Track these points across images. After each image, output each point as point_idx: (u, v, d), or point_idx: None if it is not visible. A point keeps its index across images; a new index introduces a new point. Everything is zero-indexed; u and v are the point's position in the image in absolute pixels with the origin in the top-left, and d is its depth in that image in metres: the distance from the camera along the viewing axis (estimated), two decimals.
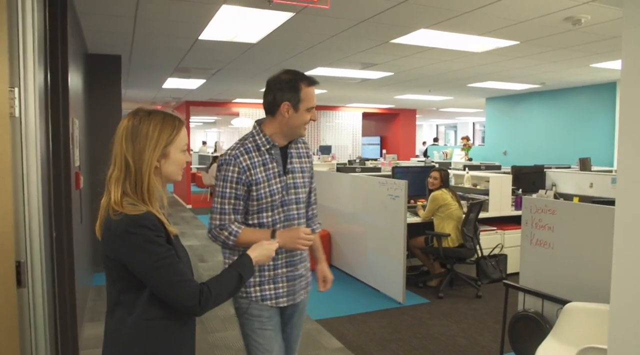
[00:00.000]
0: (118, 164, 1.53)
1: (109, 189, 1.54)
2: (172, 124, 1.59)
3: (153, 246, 1.47)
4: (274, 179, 2.13)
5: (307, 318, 4.56)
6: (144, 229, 1.46)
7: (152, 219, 1.49)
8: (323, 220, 6.79)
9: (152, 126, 1.55)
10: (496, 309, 4.82)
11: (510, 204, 6.14)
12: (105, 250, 1.51)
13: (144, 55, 6.51)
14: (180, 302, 1.49)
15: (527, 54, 6.23)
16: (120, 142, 1.54)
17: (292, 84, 2.09)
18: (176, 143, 1.58)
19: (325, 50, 6.11)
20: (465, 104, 14.07)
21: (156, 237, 1.48)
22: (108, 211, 1.50)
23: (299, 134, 2.20)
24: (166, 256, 1.49)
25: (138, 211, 1.48)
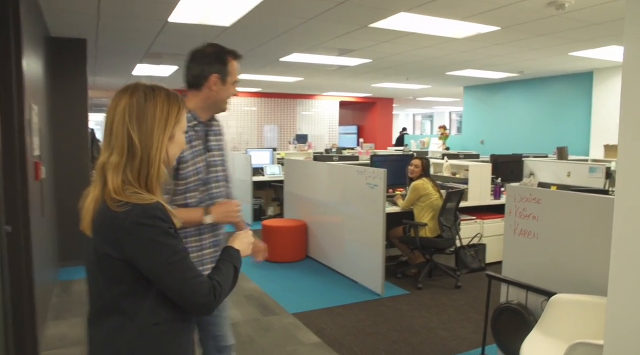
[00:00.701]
0: (119, 148, 1.34)
1: (104, 176, 1.34)
2: (177, 101, 1.44)
3: (168, 239, 1.32)
4: (199, 156, 2.10)
5: (283, 312, 4.41)
6: (158, 219, 1.30)
7: (163, 209, 1.33)
8: (299, 210, 6.67)
9: (160, 104, 1.38)
10: (476, 299, 4.74)
11: (490, 192, 6.06)
12: (103, 247, 1.31)
13: (111, 39, 6.21)
14: (196, 300, 1.34)
15: (507, 40, 6.13)
16: (123, 122, 1.34)
17: (220, 57, 2.07)
18: (181, 123, 1.45)
19: (301, 34, 5.91)
20: (443, 93, 14.01)
21: (169, 229, 1.33)
22: (102, 202, 1.32)
23: (222, 109, 2.17)
24: (180, 250, 1.34)
25: (148, 200, 1.32)
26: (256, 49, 6.90)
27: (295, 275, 5.55)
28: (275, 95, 14.43)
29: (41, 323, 3.74)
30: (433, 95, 15.02)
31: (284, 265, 5.90)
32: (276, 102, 14.60)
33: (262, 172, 8.91)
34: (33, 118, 3.68)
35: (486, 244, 5.79)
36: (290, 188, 6.80)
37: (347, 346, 3.74)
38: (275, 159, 9.49)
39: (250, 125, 14.27)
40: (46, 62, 5.32)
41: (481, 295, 4.85)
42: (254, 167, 8.46)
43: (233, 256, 1.55)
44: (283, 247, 6.09)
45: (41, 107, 4.37)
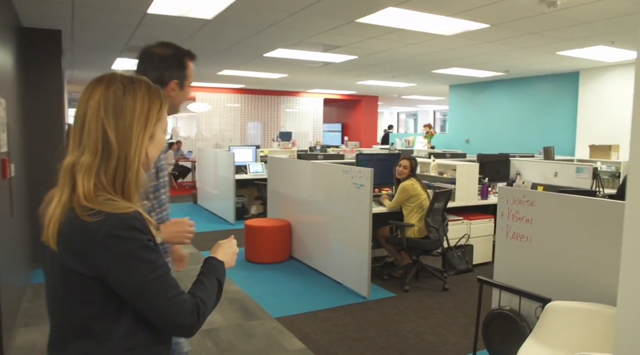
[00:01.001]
0: (91, 147, 1.17)
1: (73, 179, 1.17)
2: (158, 96, 1.27)
3: (147, 253, 1.16)
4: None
5: (266, 316, 4.25)
6: (136, 231, 1.14)
7: (141, 219, 1.17)
8: (283, 209, 6.51)
9: (140, 98, 1.22)
10: (464, 302, 4.63)
11: (477, 193, 5.96)
12: (71, 263, 1.14)
13: (87, 30, 5.97)
14: (177, 321, 1.19)
15: (496, 38, 6.03)
16: (97, 117, 1.17)
17: (178, 61, 1.93)
18: (163, 120, 1.28)
19: (286, 29, 5.74)
20: (428, 91, 13.94)
21: (148, 242, 1.17)
22: (70, 210, 1.15)
23: (177, 112, 2.03)
24: (160, 265, 1.18)
25: (125, 209, 1.15)
26: (239, 44, 6.71)
27: (278, 277, 5.38)
28: (258, 91, 14.22)
29: (9, 330, 3.52)
30: (418, 93, 14.95)
31: (268, 267, 5.73)
32: (260, 98, 14.39)
33: (245, 170, 8.73)
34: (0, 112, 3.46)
35: (473, 245, 5.70)
36: (274, 187, 6.64)
37: (333, 352, 3.60)
38: (258, 157, 9.31)
39: (233, 122, 14.05)
40: (17, 53, 5.07)
41: (469, 298, 4.75)
42: (237, 165, 8.27)
43: (217, 269, 1.39)
44: (266, 248, 5.92)
45: (10, 101, 4.14)
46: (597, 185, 6.15)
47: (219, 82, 12.31)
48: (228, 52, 7.33)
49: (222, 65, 9.07)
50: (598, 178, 6.15)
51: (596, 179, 6.13)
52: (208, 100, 13.53)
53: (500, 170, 6.88)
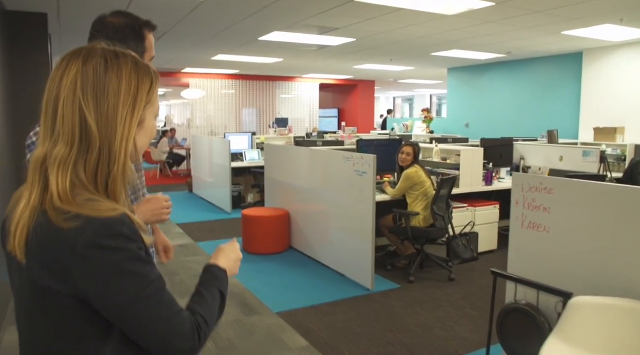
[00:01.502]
0: (67, 135, 0.96)
1: (45, 176, 0.96)
2: (148, 73, 1.05)
3: (138, 265, 0.95)
4: None
5: (266, 311, 4.07)
6: (124, 239, 0.93)
7: (130, 223, 0.96)
8: (281, 198, 6.30)
9: (127, 76, 1.00)
10: (472, 293, 4.47)
11: (482, 178, 5.78)
12: (44, 278, 0.93)
13: (74, 13, 5.70)
14: (175, 344, 0.99)
15: (500, 17, 5.80)
16: (73, 99, 0.96)
17: (135, 31, 1.67)
18: (154, 103, 1.07)
19: (283, 10, 5.48)
20: (425, 74, 13.69)
21: (139, 251, 0.96)
22: (42, 213, 0.94)
23: None
24: (154, 279, 0.98)
25: (110, 211, 0.93)
26: (234, 27, 6.45)
27: (278, 269, 5.20)
28: (253, 77, 13.93)
29: None
30: (415, 77, 14.69)
31: (266, 258, 5.55)
32: (255, 84, 14.10)
33: (241, 158, 8.51)
34: None
35: (478, 233, 5.52)
36: (271, 174, 6.43)
37: (338, 349, 3.43)
38: (254, 144, 9.08)
39: (227, 108, 13.77)
40: (1, 38, 4.81)
41: (476, 288, 4.59)
42: (233, 152, 8.05)
43: (218, 278, 1.19)
44: (265, 238, 5.73)
45: None
46: (604, 168, 5.97)
47: (213, 68, 12.02)
48: (222, 35, 7.07)
49: (216, 50, 8.80)
50: (605, 161, 5.97)
51: (603, 163, 5.95)
52: (202, 86, 13.24)
53: (503, 154, 6.69)
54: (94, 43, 1.03)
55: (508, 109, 10.35)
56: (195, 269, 5.13)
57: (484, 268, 5.15)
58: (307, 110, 15.03)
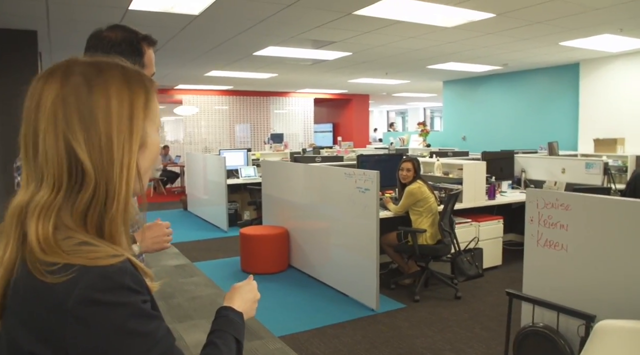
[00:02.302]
0: (53, 176, 0.78)
1: (21, 227, 0.79)
2: (140, 81, 0.87)
3: (144, 323, 0.77)
4: None
5: (268, 335, 3.90)
6: (126, 292, 0.76)
7: (132, 271, 0.79)
8: (279, 215, 6.14)
9: (116, 92, 0.82)
10: (480, 313, 4.31)
11: (485, 192, 5.65)
12: (27, 343, 0.75)
13: (65, 30, 5.57)
14: None
15: (500, 29, 5.73)
16: (55, 131, 0.79)
17: (133, 46, 1.56)
18: (153, 116, 0.88)
19: (278, 24, 5.38)
20: (420, 88, 13.65)
21: (143, 305, 0.78)
22: (21, 266, 0.77)
23: None
24: (161, 337, 0.80)
25: (107, 258, 0.76)
26: (228, 42, 6.35)
27: (279, 289, 5.03)
28: (247, 93, 13.84)
29: None
30: (409, 91, 14.67)
31: (265, 278, 5.37)
32: (248, 100, 14.00)
33: (236, 175, 8.36)
34: None
35: (483, 249, 5.38)
36: (269, 191, 6.28)
37: None
38: (250, 160, 8.94)
39: (221, 124, 13.64)
40: None
41: (484, 307, 4.43)
42: (228, 169, 7.90)
43: (234, 324, 1.05)
44: (264, 257, 5.56)
45: None
46: (608, 180, 5.87)
47: (207, 84, 11.92)
48: (216, 51, 6.96)
49: (209, 66, 8.69)
50: (609, 173, 5.87)
51: (607, 175, 5.85)
52: (195, 102, 13.11)
53: (504, 167, 6.59)
54: (72, 57, 0.86)
55: (505, 122, 10.28)
56: (192, 291, 4.94)
57: (490, 285, 5.01)
58: (302, 126, 14.93)
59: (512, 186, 6.50)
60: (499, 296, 4.64)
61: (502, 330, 3.81)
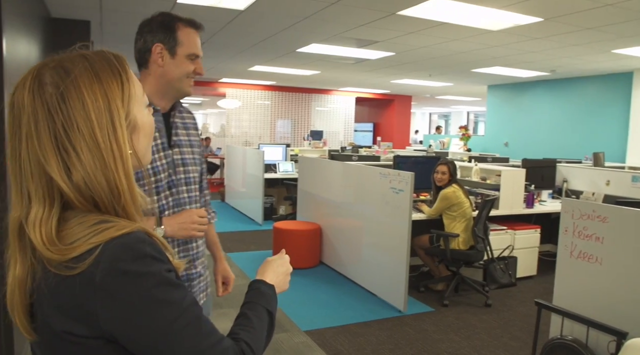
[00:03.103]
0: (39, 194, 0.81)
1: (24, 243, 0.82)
2: (108, 69, 0.86)
3: (169, 291, 0.81)
4: (157, 153, 1.64)
5: (294, 328, 3.95)
6: (149, 260, 0.79)
7: (150, 239, 0.82)
8: (313, 211, 6.20)
9: (88, 89, 0.82)
10: (510, 322, 4.24)
11: (522, 200, 5.54)
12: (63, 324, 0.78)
13: (116, 21, 5.77)
14: None
15: (548, 34, 5.59)
16: (33, 148, 0.80)
17: (165, 23, 1.61)
18: (134, 96, 0.88)
19: (323, 21, 5.42)
20: (464, 91, 13.45)
21: (168, 274, 0.82)
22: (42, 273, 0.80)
23: (182, 91, 1.68)
24: (188, 305, 0.83)
25: (125, 228, 0.80)
26: (272, 37, 6.43)
27: (308, 285, 5.07)
28: (289, 89, 13.95)
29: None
30: (453, 93, 14.46)
31: (296, 272, 5.36)
32: (290, 96, 14.11)
33: (274, 169, 8.46)
34: None
35: (517, 257, 5.28)
36: (305, 187, 6.33)
37: None
38: (288, 156, 9.02)
39: (263, 119, 13.80)
40: (46, 44, 4.89)
41: (515, 317, 4.35)
42: (266, 163, 8.00)
43: (265, 296, 1.06)
44: (296, 252, 5.60)
45: None
46: None
47: (250, 79, 12.08)
48: (260, 46, 7.06)
49: (253, 61, 8.81)
50: None
51: None
52: (238, 96, 13.32)
53: (545, 176, 6.43)
54: (40, 63, 0.85)
55: (550, 129, 10.01)
56: None
57: (523, 295, 4.91)
58: (342, 124, 14.94)
59: (553, 196, 6.33)
60: (531, 307, 4.54)
61: (531, 340, 3.74)
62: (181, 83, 1.65)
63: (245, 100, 13.49)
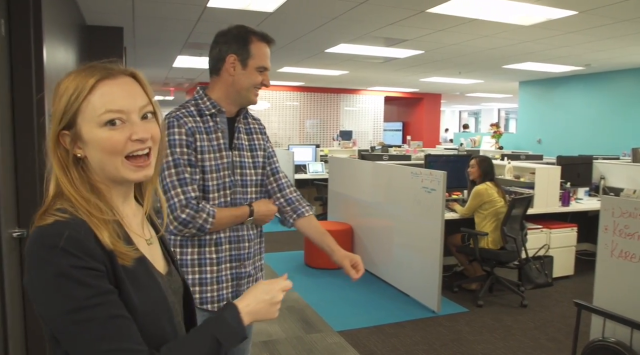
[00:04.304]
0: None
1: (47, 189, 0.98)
2: (82, 78, 0.93)
3: (66, 284, 0.84)
4: (219, 152, 1.75)
5: (327, 329, 3.95)
6: (58, 252, 0.85)
7: (72, 234, 0.87)
8: (344, 212, 6.19)
9: (58, 90, 0.94)
10: (547, 322, 4.15)
11: (558, 198, 5.42)
12: None
13: (148, 27, 5.88)
14: None
15: (582, 27, 5.45)
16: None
17: (240, 36, 1.74)
18: (84, 111, 0.92)
19: (351, 21, 5.41)
20: (494, 88, 13.24)
21: (76, 270, 0.85)
22: None
23: (248, 100, 1.79)
24: (93, 305, 0.85)
25: (49, 218, 0.89)
26: (301, 39, 6.45)
27: (340, 285, 5.07)
28: (318, 89, 13.97)
29: None
30: (483, 91, 14.25)
31: (328, 273, 5.43)
32: (319, 96, 14.14)
33: (304, 170, 8.48)
34: None
35: (553, 257, 5.17)
36: (335, 188, 6.34)
37: None
38: (318, 156, 9.04)
39: (292, 120, 13.87)
40: (82, 51, 5.02)
41: (552, 317, 4.26)
42: (296, 164, 8.03)
43: (222, 323, 0.97)
44: None
45: None
46: None
47: (278, 80, 12.15)
48: (289, 47, 7.09)
49: (282, 62, 8.86)
50: None
51: None
52: (267, 98, 13.41)
53: (581, 173, 6.27)
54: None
55: (585, 125, 9.75)
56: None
57: (560, 295, 4.81)
58: (372, 124, 14.89)
59: (589, 193, 6.18)
60: (568, 307, 4.45)
61: (569, 342, 3.65)
62: (248, 92, 1.76)
63: (274, 102, 13.57)
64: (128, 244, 0.95)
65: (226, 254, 1.77)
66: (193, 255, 1.73)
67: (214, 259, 1.75)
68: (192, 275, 1.74)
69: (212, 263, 1.75)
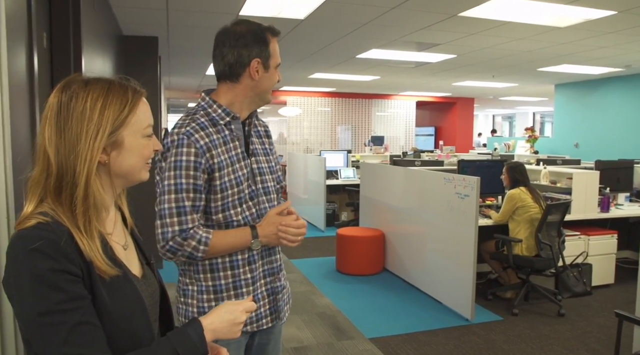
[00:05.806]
0: (40, 161, 1.01)
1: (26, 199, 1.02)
2: (122, 94, 1.04)
3: (40, 287, 0.90)
4: (238, 163, 1.63)
5: (359, 336, 3.93)
6: (37, 254, 0.90)
7: (52, 237, 0.93)
8: (376, 217, 6.16)
9: (91, 101, 1.00)
10: (586, 333, 4.03)
11: (597, 204, 5.26)
12: None
13: (182, 36, 5.99)
14: None
15: (621, 28, 5.30)
16: (42, 129, 1.01)
17: (258, 36, 1.61)
18: (132, 124, 1.05)
19: (382, 27, 5.40)
20: (529, 92, 12.97)
21: (52, 273, 0.90)
22: None
23: (266, 100, 1.71)
24: (63, 310, 0.90)
25: (31, 221, 0.95)
26: (332, 45, 6.47)
27: (371, 292, 5.04)
28: (349, 95, 13.97)
29: None
30: (517, 94, 13.98)
31: (360, 279, 5.41)
32: (350, 102, 14.14)
33: (336, 175, 8.49)
34: None
35: (592, 265, 5.01)
36: (367, 193, 6.31)
37: None
38: (349, 162, 9.03)
39: (323, 126, 13.90)
40: (118, 61, 5.17)
41: (591, 327, 4.13)
42: (328, 170, 8.04)
43: (184, 338, 1.03)
44: (359, 259, 5.61)
45: None
46: None
47: (310, 86, 12.21)
48: (320, 53, 7.12)
49: (313, 68, 8.90)
50: None
51: None
52: (298, 104, 13.48)
53: (621, 178, 6.08)
54: (74, 75, 1.06)
55: (625, 129, 9.45)
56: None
57: (599, 305, 4.66)
58: (403, 129, 14.79)
59: (630, 199, 5.98)
60: (608, 317, 4.31)
61: (609, 353, 3.55)
62: (267, 94, 1.70)
63: (305, 108, 13.63)
64: (108, 257, 1.00)
65: (259, 271, 1.68)
66: (227, 278, 1.63)
67: (249, 279, 1.65)
68: (227, 300, 1.63)
69: (247, 284, 1.65)
